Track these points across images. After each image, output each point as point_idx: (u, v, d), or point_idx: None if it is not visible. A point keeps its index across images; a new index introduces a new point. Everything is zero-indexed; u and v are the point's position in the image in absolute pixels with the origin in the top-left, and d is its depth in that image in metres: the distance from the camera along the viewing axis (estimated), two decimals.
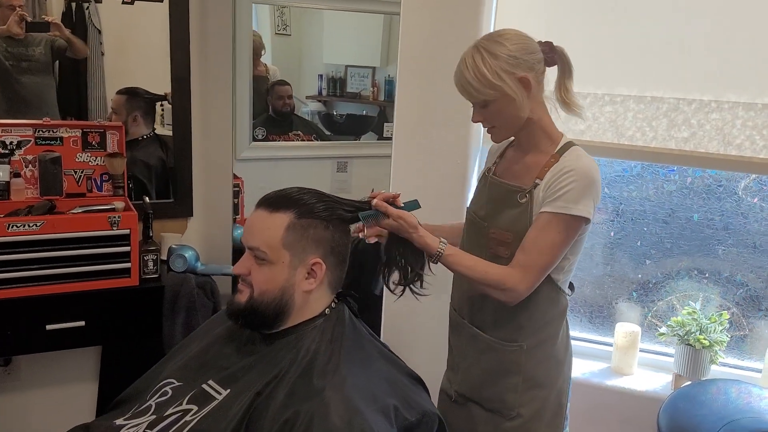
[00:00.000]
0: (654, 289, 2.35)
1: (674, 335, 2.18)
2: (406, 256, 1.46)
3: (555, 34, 2.15)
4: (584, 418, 2.24)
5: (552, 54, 1.51)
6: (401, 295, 1.48)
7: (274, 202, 1.31)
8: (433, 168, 2.21)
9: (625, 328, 2.27)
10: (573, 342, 2.40)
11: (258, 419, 1.20)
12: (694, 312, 2.18)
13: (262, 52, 3.55)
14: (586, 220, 1.43)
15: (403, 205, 1.46)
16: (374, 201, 1.41)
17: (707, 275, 2.28)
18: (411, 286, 1.48)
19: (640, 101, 2.12)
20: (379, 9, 3.65)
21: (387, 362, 1.37)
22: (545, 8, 2.18)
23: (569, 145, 1.49)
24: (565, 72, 1.54)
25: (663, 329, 2.24)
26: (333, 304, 1.38)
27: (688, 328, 2.15)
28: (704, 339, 2.11)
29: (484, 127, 1.54)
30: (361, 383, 1.25)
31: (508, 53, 1.43)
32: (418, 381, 1.41)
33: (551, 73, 1.57)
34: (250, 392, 1.24)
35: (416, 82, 2.21)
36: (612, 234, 2.36)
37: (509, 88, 1.42)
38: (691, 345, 2.13)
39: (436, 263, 1.44)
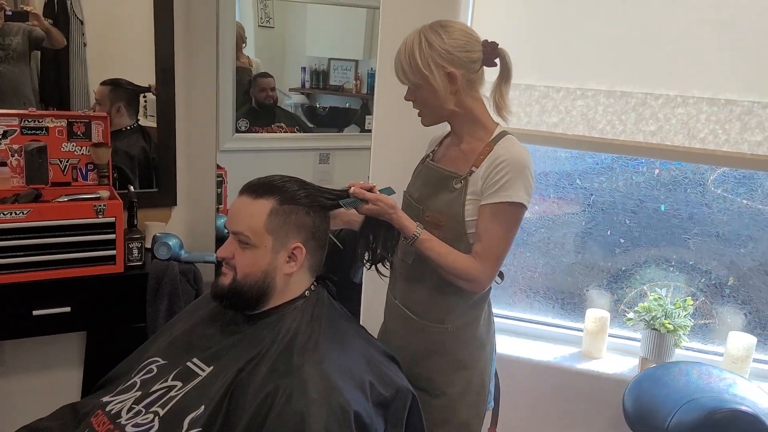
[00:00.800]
0: (623, 277, 2.44)
1: (641, 320, 2.27)
2: (379, 239, 1.54)
3: (529, 30, 2.24)
4: (555, 400, 2.34)
5: (493, 55, 1.54)
6: (366, 269, 1.57)
7: (257, 188, 1.38)
8: (411, 160, 2.26)
9: (595, 314, 2.36)
10: (545, 327, 2.52)
11: (240, 394, 1.26)
12: (660, 298, 2.28)
13: (243, 45, 3.58)
14: (524, 207, 1.49)
15: (378, 192, 1.52)
16: (352, 189, 1.47)
17: (673, 263, 2.38)
18: (378, 266, 1.56)
19: (610, 96, 2.20)
20: (362, 3, 3.69)
21: (363, 341, 1.44)
22: (520, 8, 2.25)
23: (503, 134, 1.55)
24: (503, 76, 1.58)
25: (630, 315, 2.33)
26: (312, 287, 1.44)
27: (654, 314, 2.25)
28: (669, 323, 2.21)
29: (414, 107, 1.60)
30: (339, 360, 1.32)
31: (444, 47, 1.48)
32: (393, 359, 1.48)
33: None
34: (233, 369, 1.30)
35: (394, 76, 2.27)
36: (583, 224, 2.45)
37: (434, 79, 1.48)
38: (656, 329, 2.23)
39: (412, 245, 1.51)
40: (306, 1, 3.92)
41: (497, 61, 1.55)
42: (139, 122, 2.62)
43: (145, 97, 2.58)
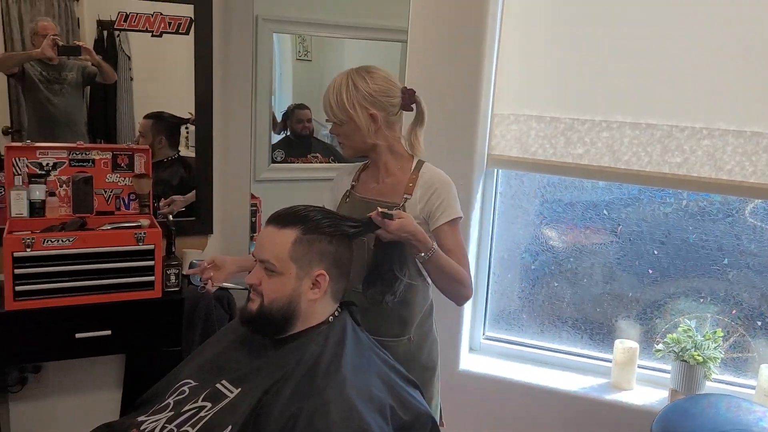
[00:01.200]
0: (652, 308, 2.43)
1: (670, 352, 2.26)
2: (394, 261, 1.60)
3: (554, 63, 2.30)
4: (583, 431, 2.33)
5: (410, 101, 1.72)
6: (382, 301, 1.63)
7: (282, 218, 1.45)
8: None
9: (624, 345, 2.36)
10: (573, 357, 2.52)
11: (265, 414, 1.32)
12: (689, 330, 2.26)
13: None
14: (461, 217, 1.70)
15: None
16: (373, 215, 1.53)
17: (704, 294, 2.37)
18: (387, 295, 1.62)
19: (635, 128, 2.23)
20: (397, 38, 3.80)
21: (385, 366, 1.49)
22: (545, 41, 2.30)
23: (421, 162, 1.74)
24: (418, 119, 1.75)
25: (659, 346, 2.32)
26: (336, 313, 1.50)
27: (683, 345, 2.24)
28: (698, 355, 2.19)
29: (337, 139, 1.77)
30: (360, 384, 1.37)
31: (368, 90, 1.66)
32: (413, 384, 1.52)
33: None
34: (259, 391, 1.36)
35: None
36: (611, 254, 2.46)
37: (359, 119, 1.66)
38: (686, 361, 2.21)
39: (429, 258, 1.57)
40: (343, 36, 4.04)
41: (414, 106, 1.73)
42: (180, 153, 2.74)
43: (186, 128, 2.70)
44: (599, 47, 2.24)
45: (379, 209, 1.51)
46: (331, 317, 1.48)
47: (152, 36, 2.49)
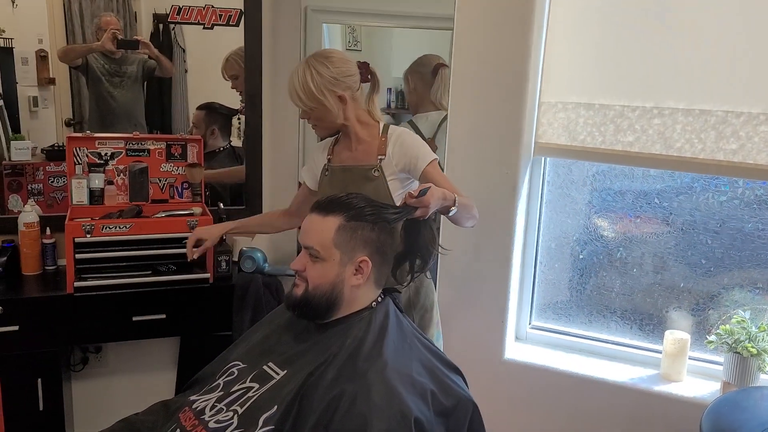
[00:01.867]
0: (705, 299, 2.37)
1: (723, 343, 2.21)
2: (428, 239, 1.64)
3: (604, 50, 2.26)
4: (630, 423, 2.30)
5: (366, 73, 1.90)
6: (410, 281, 1.70)
7: (326, 206, 1.48)
8: (484, 177, 2.34)
9: (675, 336, 2.31)
10: (622, 348, 2.48)
11: (309, 396, 1.36)
12: (743, 321, 2.20)
13: None
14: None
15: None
16: (408, 200, 1.58)
17: (760, 285, 2.30)
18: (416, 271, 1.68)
19: (688, 114, 2.17)
20: (445, 26, 3.80)
21: (427, 351, 1.51)
22: (594, 27, 2.26)
23: (387, 126, 1.92)
24: (374, 88, 1.95)
25: (712, 337, 2.27)
26: (379, 299, 1.53)
27: (736, 337, 2.18)
28: (752, 347, 2.13)
29: (308, 123, 1.93)
30: (402, 368, 1.39)
31: (331, 75, 1.80)
32: (456, 370, 1.53)
33: None
34: (304, 373, 1.40)
35: (468, 97, 2.34)
36: (662, 244, 2.40)
37: (328, 102, 1.82)
38: (739, 353, 2.16)
39: (455, 205, 1.68)
40: (391, 26, 4.05)
41: (369, 76, 1.91)
42: (232, 143, 2.81)
43: (239, 119, 2.77)
44: (650, 31, 2.18)
45: (410, 192, 1.57)
46: (374, 303, 1.51)
47: (204, 28, 2.56)
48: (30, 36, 2.43)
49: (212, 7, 2.56)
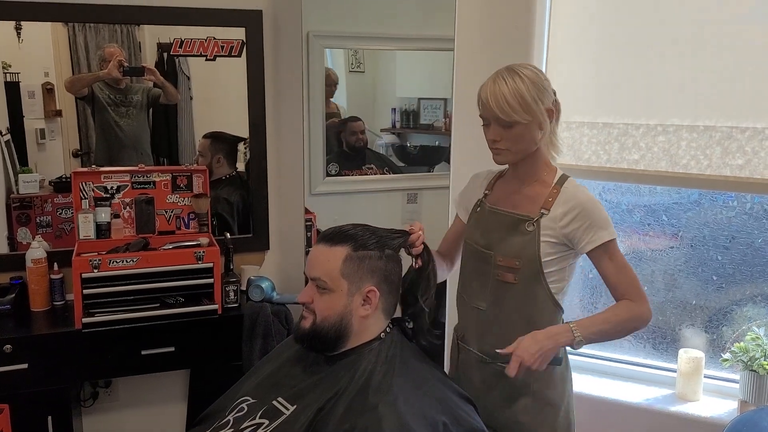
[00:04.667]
0: (718, 315, 2.35)
1: (738, 361, 2.18)
2: (421, 291, 1.57)
3: (606, 69, 2.26)
4: None
5: (555, 100, 1.60)
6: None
7: (332, 237, 1.48)
8: None
9: (689, 354, 2.28)
10: (635, 368, 2.45)
11: (320, 431, 1.34)
12: (758, 338, 2.17)
13: (334, 89, 3.75)
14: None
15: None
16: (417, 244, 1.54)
17: None
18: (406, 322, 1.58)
19: (692, 130, 2.16)
20: (448, 46, 3.82)
21: (438, 382, 1.49)
22: (595, 43, 2.26)
23: (565, 177, 1.61)
24: (558, 117, 1.63)
25: (726, 355, 2.24)
26: (388, 329, 1.51)
27: (752, 354, 2.15)
28: None
29: (493, 146, 1.58)
30: (412, 400, 1.37)
31: (542, 84, 1.53)
32: (468, 400, 1.51)
33: None
34: (313, 408, 1.38)
35: (471, 116, 2.32)
36: (672, 260, 2.38)
37: (540, 115, 1.52)
38: (755, 371, 2.13)
39: (581, 342, 1.50)
40: (395, 48, 4.07)
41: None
42: (238, 170, 2.81)
43: (245, 145, 2.78)
44: (651, 49, 2.18)
45: (497, 351, 1.49)
46: (382, 333, 1.50)
47: (206, 60, 2.58)
48: (36, 69, 2.45)
49: (214, 38, 2.57)
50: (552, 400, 1.63)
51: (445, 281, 2.05)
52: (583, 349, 2.49)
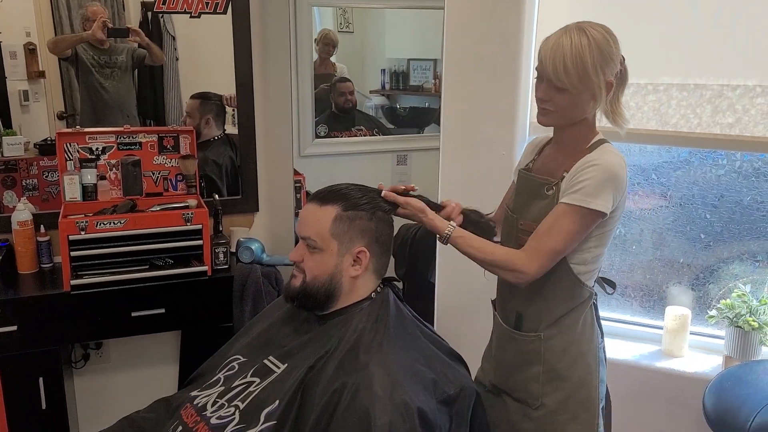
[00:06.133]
0: (705, 273, 2.37)
1: (724, 317, 2.21)
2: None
3: None
4: (633, 399, 2.30)
5: (622, 67, 1.50)
6: None
7: (323, 196, 1.47)
8: (479, 159, 2.31)
9: (675, 311, 2.31)
10: (623, 325, 2.47)
11: (311, 389, 1.35)
12: (744, 295, 2.20)
13: (334, 50, 3.70)
14: (602, 215, 1.43)
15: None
16: (383, 193, 1.52)
17: (759, 258, 2.29)
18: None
19: (683, 89, 2.15)
20: (438, 5, 3.77)
21: (428, 341, 1.50)
22: (586, 4, 2.22)
23: (601, 141, 1.51)
24: (624, 83, 1.53)
25: (712, 312, 2.27)
26: (379, 289, 1.51)
27: (737, 311, 2.17)
28: (753, 321, 2.13)
29: (541, 104, 1.48)
30: (403, 359, 1.38)
31: (610, 52, 1.41)
32: (458, 359, 1.53)
33: None
34: (304, 366, 1.39)
35: (461, 77, 2.31)
36: (660, 219, 2.39)
37: (597, 87, 1.40)
38: (740, 327, 2.16)
39: (446, 244, 1.52)
40: (384, 6, 4.00)
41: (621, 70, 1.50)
42: (226, 132, 2.78)
43: (228, 102, 2.74)
44: (641, 7, 2.15)
45: (384, 191, 1.50)
46: (373, 293, 1.50)
47: (191, 17, 2.52)
48: (17, 29, 2.40)
49: None
50: (563, 373, 1.56)
51: (429, 241, 2.05)
52: None
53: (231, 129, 2.78)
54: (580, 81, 1.39)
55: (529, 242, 1.48)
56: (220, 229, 2.50)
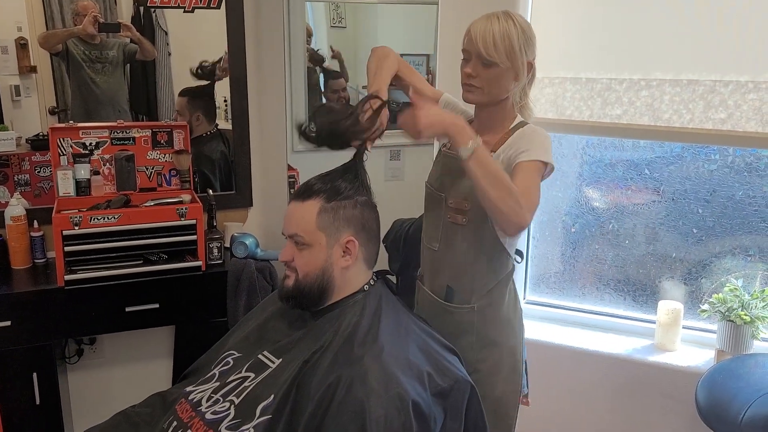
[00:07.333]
0: (698, 268, 2.38)
1: (716, 312, 2.22)
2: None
3: (589, 24, 2.23)
4: (626, 393, 2.32)
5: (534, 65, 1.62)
6: None
7: (304, 192, 1.47)
8: None
9: (668, 306, 2.32)
10: (616, 320, 2.49)
11: (306, 383, 1.35)
12: (736, 289, 2.21)
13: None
14: (551, 168, 1.53)
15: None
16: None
17: (751, 252, 2.31)
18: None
19: (676, 84, 2.16)
20: (429, 0, 3.76)
21: (422, 333, 1.50)
22: (578, 2, 2.24)
23: (523, 123, 1.61)
24: (533, 79, 1.63)
25: (705, 306, 2.28)
26: (372, 281, 1.52)
27: (729, 305, 2.19)
28: (745, 315, 2.14)
29: (467, 80, 1.56)
30: (397, 352, 1.39)
31: (531, 36, 1.55)
32: (452, 351, 1.53)
33: None
34: (299, 361, 1.39)
35: (455, 72, 2.31)
36: (653, 214, 2.41)
37: (521, 65, 1.53)
38: (732, 321, 2.17)
39: (464, 156, 1.40)
40: (376, 1, 3.99)
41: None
42: (219, 127, 2.77)
43: (225, 100, 2.74)
44: (634, 3, 2.16)
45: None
46: (366, 286, 1.50)
47: (184, 12, 2.51)
48: (8, 24, 2.38)
49: None
50: (494, 339, 1.67)
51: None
52: (563, 302, 2.55)
53: (224, 124, 2.77)
54: (507, 57, 1.52)
55: (524, 193, 1.46)
56: (214, 224, 2.50)
